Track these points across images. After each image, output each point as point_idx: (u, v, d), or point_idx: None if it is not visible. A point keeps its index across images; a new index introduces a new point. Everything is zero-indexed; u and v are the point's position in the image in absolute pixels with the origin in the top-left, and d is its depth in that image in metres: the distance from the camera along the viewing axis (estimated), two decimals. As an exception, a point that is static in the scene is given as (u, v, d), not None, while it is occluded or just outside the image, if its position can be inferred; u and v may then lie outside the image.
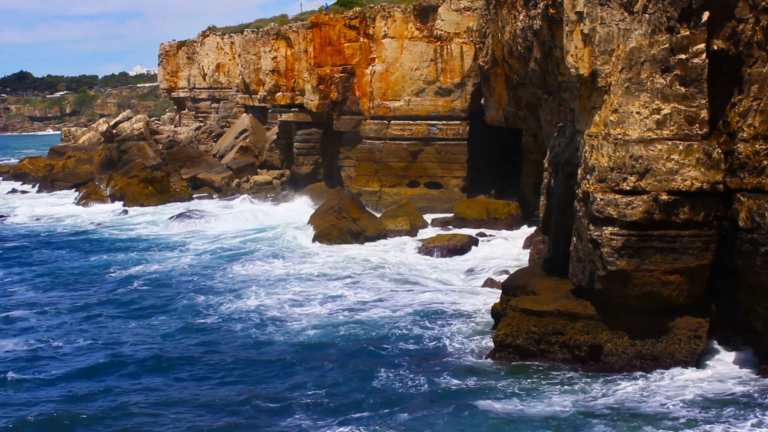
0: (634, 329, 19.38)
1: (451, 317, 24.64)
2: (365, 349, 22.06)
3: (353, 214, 36.26)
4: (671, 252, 18.66)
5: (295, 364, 21.02)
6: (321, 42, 47.60)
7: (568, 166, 21.89)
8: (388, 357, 21.30)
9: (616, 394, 17.90)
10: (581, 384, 18.64)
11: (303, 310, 26.22)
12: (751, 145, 18.55)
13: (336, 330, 23.83)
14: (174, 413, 18.04)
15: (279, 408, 18.07)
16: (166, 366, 21.23)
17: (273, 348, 22.46)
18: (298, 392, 18.97)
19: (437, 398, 18.22)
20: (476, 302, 26.03)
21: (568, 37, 19.77)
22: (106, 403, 18.76)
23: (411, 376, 19.49)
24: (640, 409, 17.02)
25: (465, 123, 45.17)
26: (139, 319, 26.21)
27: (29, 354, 22.65)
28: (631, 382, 18.53)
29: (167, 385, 20.03)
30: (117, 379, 20.44)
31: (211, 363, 21.35)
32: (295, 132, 54.41)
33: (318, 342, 22.94)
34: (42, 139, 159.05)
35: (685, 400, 17.30)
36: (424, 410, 17.45)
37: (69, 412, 18.21)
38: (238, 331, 24.23)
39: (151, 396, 19.25)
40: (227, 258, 34.71)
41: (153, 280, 31.42)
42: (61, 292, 30.33)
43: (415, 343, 22.30)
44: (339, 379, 19.70)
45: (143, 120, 74.65)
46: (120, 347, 23.04)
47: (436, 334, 22.92)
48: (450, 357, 21.04)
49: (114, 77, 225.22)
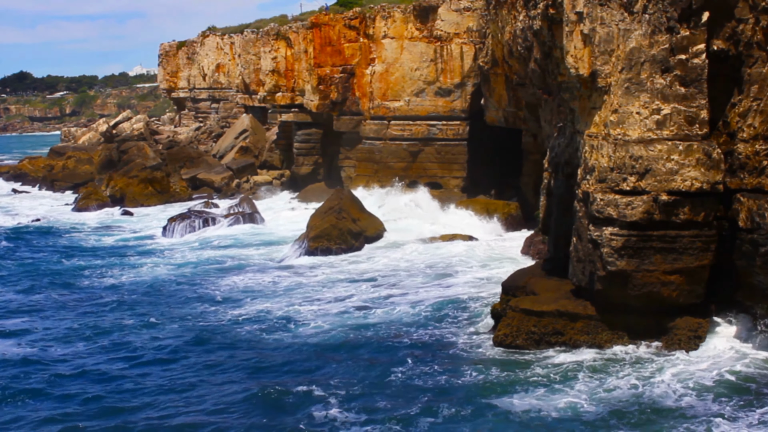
0: (634, 329, 19.39)
1: (459, 311, 24.68)
2: (374, 346, 22.04)
3: (353, 214, 36.23)
4: (671, 252, 18.67)
5: (308, 360, 20.99)
6: (321, 42, 47.63)
7: (568, 166, 21.90)
8: (397, 354, 21.23)
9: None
10: (595, 374, 18.49)
11: (311, 308, 26.19)
12: (751, 145, 18.56)
13: (345, 328, 23.83)
14: (175, 411, 18.00)
15: (296, 403, 18.00)
16: (166, 369, 21.18)
17: (283, 348, 22.35)
18: (320, 387, 18.82)
19: (452, 395, 18.10)
20: (478, 301, 26.09)
21: (568, 37, 19.77)
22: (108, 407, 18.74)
23: (423, 374, 19.34)
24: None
25: (465, 123, 45.18)
26: (138, 320, 26.11)
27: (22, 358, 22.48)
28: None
29: (166, 381, 20.01)
30: (119, 381, 20.36)
31: (216, 364, 21.27)
32: (295, 132, 54.45)
33: (328, 342, 22.88)
34: (42, 139, 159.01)
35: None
36: (443, 410, 17.32)
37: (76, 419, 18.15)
38: (245, 332, 24.11)
39: (152, 388, 19.32)
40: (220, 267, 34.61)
41: (141, 284, 31.31)
42: (65, 294, 30.15)
43: (423, 340, 22.25)
44: (355, 378, 19.57)
45: (143, 120, 74.69)
46: (124, 349, 22.93)
47: (442, 332, 22.89)
48: (460, 351, 20.95)
49: (114, 77, 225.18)
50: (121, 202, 54.59)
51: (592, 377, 18.27)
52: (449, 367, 19.80)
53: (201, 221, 43.16)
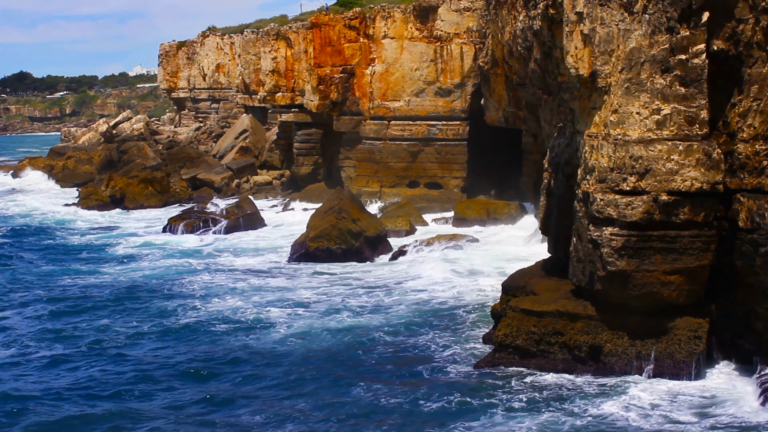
0: (634, 329, 19.37)
1: (445, 318, 24.62)
2: (346, 352, 21.98)
3: (353, 214, 36.21)
4: (671, 252, 18.65)
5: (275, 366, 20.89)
6: (321, 42, 47.64)
7: (568, 166, 21.89)
8: (370, 362, 21.15)
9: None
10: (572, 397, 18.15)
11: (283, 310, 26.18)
12: (751, 145, 18.55)
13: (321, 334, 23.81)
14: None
15: (244, 415, 17.87)
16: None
17: (250, 352, 22.30)
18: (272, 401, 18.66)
19: (421, 409, 17.88)
20: (472, 302, 26.08)
21: (568, 37, 19.77)
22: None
23: (393, 388, 19.09)
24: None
25: (465, 123, 45.20)
26: (117, 320, 26.18)
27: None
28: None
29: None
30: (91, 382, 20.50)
31: (170, 365, 21.36)
32: (295, 132, 54.46)
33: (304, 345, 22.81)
34: (42, 139, 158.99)
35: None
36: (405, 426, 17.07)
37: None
38: (214, 331, 24.25)
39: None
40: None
41: (137, 282, 31.27)
42: (64, 294, 30.18)
43: (402, 347, 22.14)
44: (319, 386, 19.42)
45: (143, 120, 74.68)
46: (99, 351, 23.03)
47: (426, 338, 22.86)
48: (436, 366, 20.71)
49: (114, 77, 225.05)
50: (120, 202, 54.58)
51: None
52: (431, 378, 19.68)
53: (201, 221, 43.16)
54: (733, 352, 19.38)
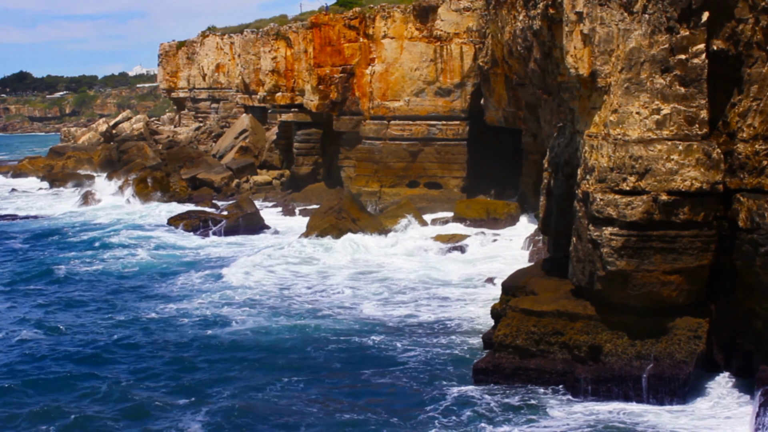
0: (634, 329, 19.36)
1: (445, 317, 24.55)
2: (339, 350, 22.01)
3: (353, 214, 36.25)
4: (671, 252, 18.64)
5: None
6: (321, 42, 47.61)
7: (568, 166, 21.90)
8: (367, 361, 21.14)
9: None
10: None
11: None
12: (750, 145, 18.54)
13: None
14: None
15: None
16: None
17: (233, 352, 22.37)
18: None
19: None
20: (474, 306, 26.06)
21: (567, 37, 19.76)
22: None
23: (392, 387, 19.05)
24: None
25: (465, 123, 45.18)
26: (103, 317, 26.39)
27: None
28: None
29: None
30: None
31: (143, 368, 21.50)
32: (294, 132, 54.45)
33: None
34: (42, 139, 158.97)
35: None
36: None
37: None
38: (185, 330, 24.43)
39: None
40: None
41: (131, 281, 31.49)
42: (69, 294, 30.25)
43: (401, 347, 22.10)
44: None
45: (143, 120, 74.80)
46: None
47: (426, 338, 22.84)
48: (436, 365, 20.72)
49: (114, 77, 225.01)
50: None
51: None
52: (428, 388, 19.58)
53: (200, 221, 43.14)
54: (733, 353, 19.40)
